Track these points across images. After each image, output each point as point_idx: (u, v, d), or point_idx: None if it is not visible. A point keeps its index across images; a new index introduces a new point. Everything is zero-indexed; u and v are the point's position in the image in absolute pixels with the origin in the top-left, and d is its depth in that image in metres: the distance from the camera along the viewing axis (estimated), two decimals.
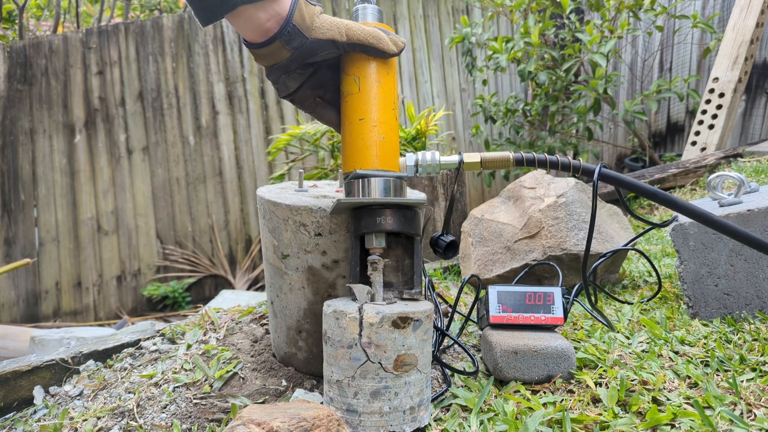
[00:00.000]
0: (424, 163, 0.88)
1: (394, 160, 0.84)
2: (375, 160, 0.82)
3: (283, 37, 0.76)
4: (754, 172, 2.31)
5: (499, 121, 3.75)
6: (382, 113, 0.83)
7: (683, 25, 4.18)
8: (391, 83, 0.86)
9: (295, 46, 0.78)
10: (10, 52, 3.68)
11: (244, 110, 4.17)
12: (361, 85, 0.83)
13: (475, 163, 0.90)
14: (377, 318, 0.77)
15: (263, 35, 0.77)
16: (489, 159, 0.90)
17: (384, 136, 0.83)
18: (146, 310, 3.96)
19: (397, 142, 0.85)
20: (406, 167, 0.91)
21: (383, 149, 0.83)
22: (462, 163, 0.89)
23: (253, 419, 0.66)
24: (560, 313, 0.99)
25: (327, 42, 0.79)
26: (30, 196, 3.76)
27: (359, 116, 0.83)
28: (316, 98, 0.87)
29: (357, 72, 0.84)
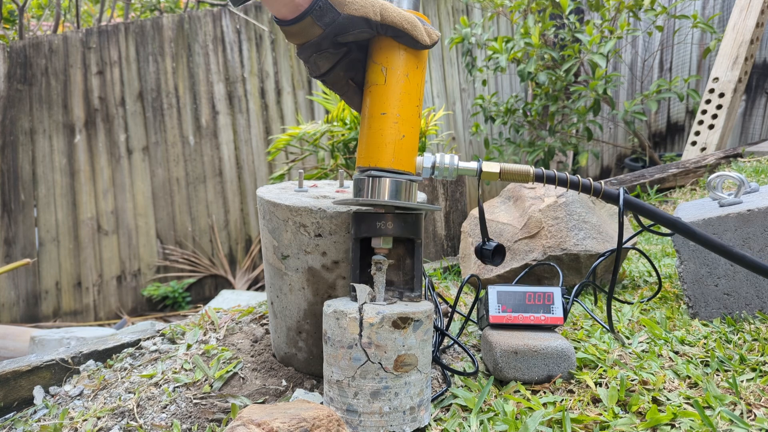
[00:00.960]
0: (442, 166, 0.86)
1: (412, 160, 0.82)
2: (392, 158, 0.80)
3: (315, 13, 0.73)
4: (754, 172, 2.31)
5: (498, 120, 3.75)
6: (406, 109, 0.80)
7: (683, 25, 4.18)
8: (420, 78, 0.82)
9: (326, 22, 0.74)
10: (10, 52, 3.68)
11: (244, 110, 4.17)
12: (387, 77, 0.79)
13: (494, 173, 0.87)
14: (377, 318, 0.77)
15: (294, 11, 0.74)
16: (508, 171, 0.87)
17: (404, 135, 0.80)
18: (146, 310, 3.96)
19: (416, 140, 0.83)
20: (422, 168, 0.87)
21: (401, 147, 0.80)
22: (481, 172, 0.86)
23: (253, 419, 0.66)
24: (560, 313, 1.00)
25: (360, 20, 0.75)
26: (30, 196, 3.76)
27: (381, 110, 0.80)
28: (348, 80, 0.83)
29: (385, 62, 0.80)
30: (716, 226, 1.10)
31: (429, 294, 1.22)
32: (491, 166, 0.86)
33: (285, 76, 4.26)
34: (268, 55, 4.22)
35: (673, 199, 2.38)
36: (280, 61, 4.25)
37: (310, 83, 4.32)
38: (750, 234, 1.08)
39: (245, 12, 4.18)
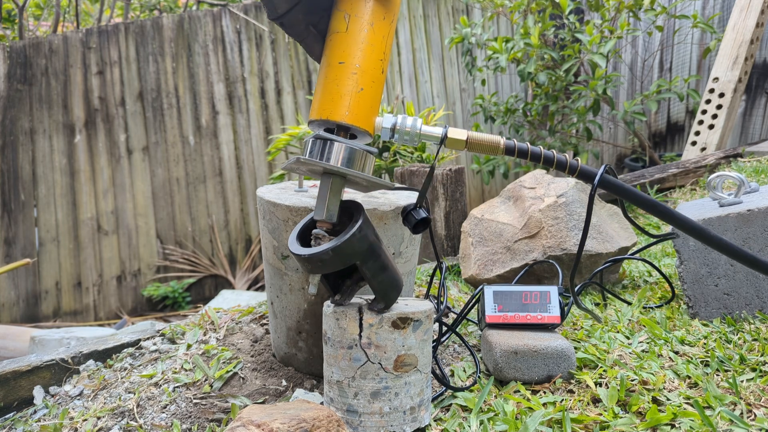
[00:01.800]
0: (403, 128, 0.77)
1: (370, 117, 0.75)
2: (346, 111, 0.73)
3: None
4: (754, 172, 2.31)
5: (498, 120, 3.75)
6: (367, 61, 0.74)
7: (683, 25, 4.18)
8: (386, 30, 0.76)
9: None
10: (10, 52, 3.68)
11: (244, 110, 4.17)
12: (350, 24, 0.74)
13: (460, 140, 0.78)
14: (377, 318, 0.77)
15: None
16: (476, 139, 0.78)
17: (363, 88, 0.74)
18: (146, 310, 3.96)
19: (377, 97, 0.76)
20: (381, 129, 0.79)
21: (359, 101, 0.74)
22: (446, 138, 0.78)
23: (253, 420, 0.66)
24: (557, 312, 1.00)
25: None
26: (30, 196, 3.76)
27: (340, 59, 0.74)
28: (309, 26, 0.77)
29: (349, 8, 0.74)
30: (716, 226, 1.10)
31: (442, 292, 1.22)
32: (458, 133, 0.78)
33: (285, 76, 4.26)
34: (268, 55, 4.22)
35: (673, 199, 2.38)
36: (280, 61, 4.25)
37: (310, 83, 4.32)
38: (750, 234, 1.08)
39: (245, 12, 4.18)
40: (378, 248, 0.76)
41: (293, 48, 4.29)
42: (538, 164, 0.82)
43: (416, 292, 1.49)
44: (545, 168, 0.83)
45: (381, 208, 0.93)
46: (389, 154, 2.83)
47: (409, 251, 1.00)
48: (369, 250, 0.74)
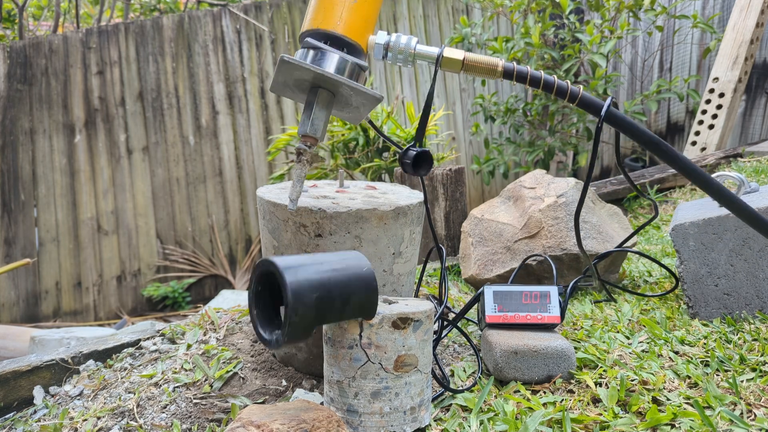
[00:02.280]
0: (396, 47, 0.75)
1: (363, 31, 0.73)
2: (338, 20, 0.71)
3: None
4: (754, 172, 2.31)
5: (498, 120, 3.75)
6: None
7: (683, 25, 4.18)
8: None
9: None
10: (10, 52, 3.68)
11: (244, 110, 4.17)
12: None
13: (457, 60, 0.75)
14: (377, 318, 0.77)
15: None
16: (473, 60, 0.75)
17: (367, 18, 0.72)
18: (146, 310, 3.96)
19: (372, 12, 0.74)
20: (374, 46, 0.76)
21: (352, 12, 0.72)
22: (441, 57, 0.75)
23: (253, 421, 0.66)
24: (557, 311, 1.00)
25: None
26: (30, 196, 3.76)
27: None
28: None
29: None
30: (716, 226, 1.10)
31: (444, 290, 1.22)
32: (454, 53, 0.75)
33: None
34: (268, 55, 4.22)
35: (673, 199, 2.38)
36: None
37: None
38: (750, 234, 1.08)
39: (245, 12, 4.18)
40: (326, 292, 0.68)
41: (293, 48, 4.29)
42: (538, 89, 0.77)
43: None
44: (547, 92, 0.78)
45: (381, 208, 0.93)
46: (389, 154, 2.83)
47: (409, 251, 1.00)
48: (320, 305, 0.67)
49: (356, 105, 0.73)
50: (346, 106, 0.75)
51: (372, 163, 2.77)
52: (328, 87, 0.71)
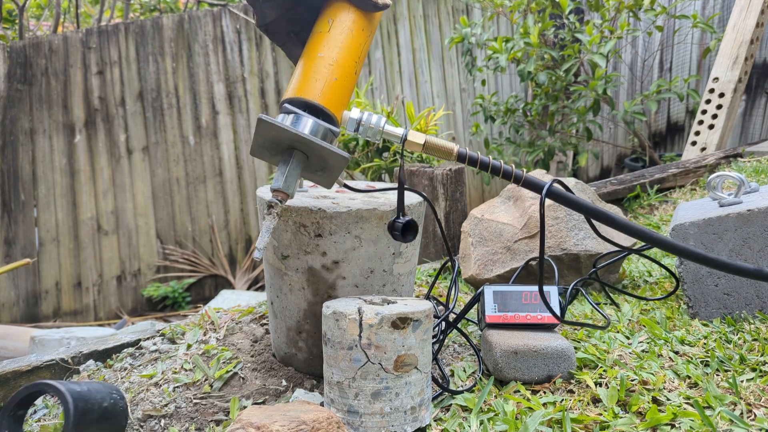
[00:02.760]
0: (367, 124, 0.82)
1: (340, 106, 0.80)
2: (320, 93, 0.77)
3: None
4: (754, 172, 2.31)
5: (498, 120, 3.75)
6: (344, 58, 0.80)
7: (683, 25, 4.18)
8: (363, 39, 0.83)
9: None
10: (10, 52, 3.68)
11: (244, 110, 4.17)
12: (332, 27, 0.81)
13: (418, 144, 0.83)
14: (376, 319, 0.77)
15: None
16: (432, 143, 0.83)
17: (338, 78, 0.79)
18: (146, 310, 3.96)
19: (348, 92, 0.81)
20: (348, 120, 0.84)
21: (332, 88, 0.78)
22: (405, 140, 0.82)
23: (253, 422, 0.66)
24: (557, 311, 0.99)
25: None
26: (30, 196, 3.76)
27: (320, 52, 0.80)
28: (290, 33, 0.86)
29: (333, 15, 0.82)
30: (716, 226, 1.10)
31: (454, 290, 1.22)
32: (416, 137, 0.82)
33: (285, 76, 4.26)
34: (268, 55, 4.22)
35: (673, 199, 2.38)
36: (280, 61, 4.25)
37: None
38: (750, 234, 1.08)
39: (245, 12, 4.17)
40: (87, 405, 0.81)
41: None
42: (486, 173, 0.86)
43: (416, 292, 1.49)
44: (493, 175, 0.86)
45: (381, 208, 0.93)
46: (389, 154, 2.83)
47: (409, 251, 1.00)
48: None
49: (329, 167, 0.79)
50: (318, 170, 0.80)
51: (372, 163, 2.77)
52: (303, 149, 0.77)
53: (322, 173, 0.81)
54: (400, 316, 0.77)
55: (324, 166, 0.79)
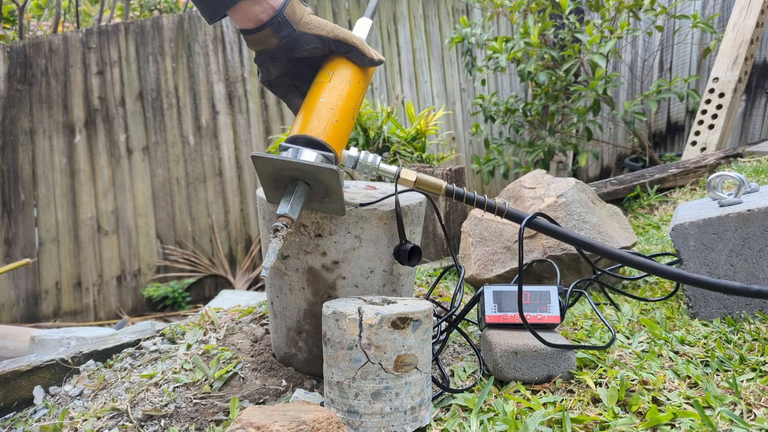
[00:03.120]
0: (364, 162, 0.90)
1: (340, 144, 0.86)
2: (323, 132, 0.84)
3: (273, 26, 0.83)
4: (754, 172, 2.31)
5: (498, 120, 3.75)
6: (344, 104, 0.87)
7: (683, 25, 4.18)
8: (360, 89, 0.91)
9: (283, 35, 0.84)
10: (10, 52, 3.68)
11: (244, 110, 4.17)
12: (332, 77, 0.88)
13: (410, 181, 0.91)
14: (376, 319, 0.77)
15: (256, 23, 0.83)
16: (423, 181, 0.92)
17: (338, 120, 0.86)
18: (146, 310, 3.96)
19: (347, 133, 0.88)
20: (347, 158, 0.92)
21: (334, 129, 0.85)
22: (398, 177, 0.91)
23: (253, 422, 0.66)
24: (557, 311, 0.99)
25: (313, 37, 0.86)
26: (30, 196, 3.76)
27: (321, 98, 0.86)
28: (291, 86, 0.93)
29: (333, 68, 0.89)
30: (716, 226, 1.10)
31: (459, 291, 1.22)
32: (409, 174, 0.91)
33: None
34: None
35: (673, 199, 2.38)
36: None
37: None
38: (750, 234, 1.08)
39: None
40: None
41: None
42: (473, 206, 0.96)
43: (416, 292, 1.49)
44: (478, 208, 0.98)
45: (381, 208, 0.93)
46: (389, 154, 2.83)
47: None
48: None
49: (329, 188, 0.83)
50: (324, 195, 0.85)
51: None
52: (301, 177, 0.82)
53: (329, 199, 0.85)
54: (400, 316, 0.77)
55: (326, 189, 0.83)
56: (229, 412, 0.91)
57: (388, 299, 0.86)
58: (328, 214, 0.89)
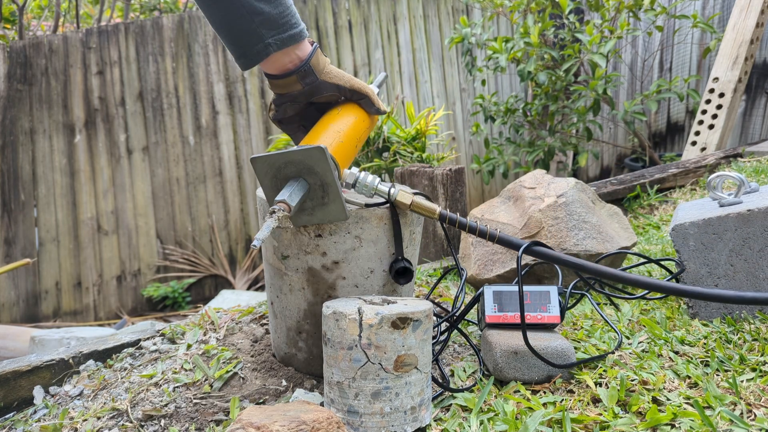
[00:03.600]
0: (363, 181, 0.94)
1: (344, 163, 0.93)
2: (328, 145, 0.90)
3: (300, 74, 0.92)
4: (754, 172, 2.31)
5: (498, 120, 3.75)
6: (349, 131, 0.95)
7: (683, 25, 4.18)
8: (364, 129, 1.00)
9: (307, 82, 0.94)
10: (10, 52, 3.68)
11: (244, 110, 4.17)
12: (341, 112, 0.98)
13: (406, 203, 0.94)
14: (376, 319, 0.77)
15: (283, 71, 0.92)
16: (418, 204, 0.95)
17: (343, 141, 0.93)
18: (146, 310, 3.96)
19: (349, 157, 0.95)
20: (347, 175, 0.97)
21: (338, 148, 0.92)
22: (395, 198, 0.94)
23: (253, 422, 0.66)
24: (557, 311, 0.99)
25: (332, 86, 0.96)
26: (30, 196, 3.76)
27: (331, 123, 0.95)
28: (300, 126, 1.02)
29: (342, 108, 0.99)
30: (716, 226, 1.10)
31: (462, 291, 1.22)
32: (404, 197, 0.94)
33: None
34: None
35: (673, 199, 2.38)
36: None
37: None
38: (750, 234, 1.08)
39: None
40: None
41: None
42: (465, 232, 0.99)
43: (416, 292, 1.49)
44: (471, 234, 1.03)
45: (381, 208, 0.93)
46: (389, 154, 2.83)
47: (409, 252, 1.00)
48: None
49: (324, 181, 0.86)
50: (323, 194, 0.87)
51: (372, 163, 2.77)
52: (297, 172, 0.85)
53: (327, 197, 0.87)
54: (400, 316, 0.77)
55: (321, 181, 0.85)
56: (229, 412, 0.91)
57: (388, 299, 0.86)
58: (332, 222, 0.90)
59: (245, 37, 0.89)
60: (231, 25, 0.88)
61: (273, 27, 0.88)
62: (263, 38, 0.88)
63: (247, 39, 0.89)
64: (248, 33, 0.88)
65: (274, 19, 0.88)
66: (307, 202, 0.88)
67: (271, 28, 0.88)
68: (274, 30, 0.88)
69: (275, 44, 0.89)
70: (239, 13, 0.86)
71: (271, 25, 0.88)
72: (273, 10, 0.88)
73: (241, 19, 0.87)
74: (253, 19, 0.87)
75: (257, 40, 0.88)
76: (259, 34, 0.88)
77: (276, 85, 0.95)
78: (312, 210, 0.89)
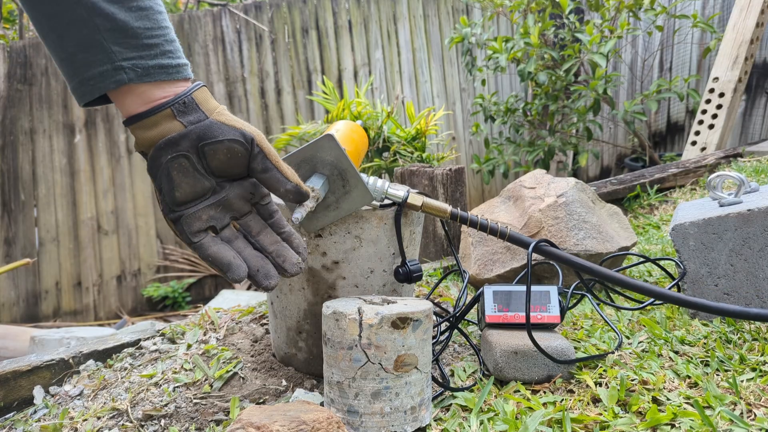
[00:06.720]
0: (373, 186, 0.94)
1: None
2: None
3: (176, 106, 0.63)
4: (754, 172, 2.31)
5: (498, 119, 3.75)
6: (356, 149, 0.98)
7: (683, 25, 4.18)
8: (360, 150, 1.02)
9: (190, 120, 0.64)
10: (10, 52, 3.68)
11: (244, 110, 4.17)
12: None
13: (416, 205, 0.95)
14: (376, 319, 0.77)
15: (150, 106, 0.63)
16: (429, 204, 0.96)
17: (352, 149, 0.95)
18: (146, 310, 3.96)
19: (356, 161, 0.97)
20: None
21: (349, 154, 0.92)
22: (406, 201, 0.94)
23: (253, 422, 0.66)
24: (557, 311, 0.99)
25: (232, 129, 0.66)
26: (30, 196, 3.76)
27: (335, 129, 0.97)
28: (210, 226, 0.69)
29: None
30: (716, 226, 1.10)
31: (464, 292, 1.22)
32: (415, 199, 0.95)
33: (285, 75, 4.26)
34: (268, 55, 4.22)
35: (673, 198, 2.38)
36: (280, 61, 4.25)
37: (310, 83, 4.32)
38: (750, 234, 1.08)
39: (245, 12, 4.18)
40: None
41: (293, 48, 4.30)
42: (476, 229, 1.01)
43: (416, 292, 1.49)
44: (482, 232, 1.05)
45: (381, 208, 0.93)
46: (389, 153, 2.83)
47: (409, 251, 1.00)
48: None
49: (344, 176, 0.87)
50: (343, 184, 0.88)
51: (372, 163, 2.77)
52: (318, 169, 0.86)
53: (348, 185, 0.87)
54: (400, 316, 0.77)
55: (338, 170, 0.86)
56: (229, 412, 0.91)
57: (388, 299, 0.86)
58: (360, 208, 0.90)
59: (82, 50, 0.59)
60: (62, 31, 0.58)
61: (131, 46, 0.60)
62: (113, 58, 0.59)
63: (84, 54, 0.59)
64: (87, 44, 0.59)
65: (132, 33, 0.60)
66: (329, 197, 0.87)
67: (128, 47, 0.60)
68: (133, 50, 0.60)
69: (132, 71, 0.60)
70: (75, 12, 0.57)
71: (126, 41, 0.60)
72: (132, 21, 0.59)
73: (78, 22, 0.58)
74: (96, 23, 0.58)
75: (103, 58, 0.59)
76: (105, 49, 0.59)
77: (143, 127, 0.63)
78: (337, 203, 0.88)
